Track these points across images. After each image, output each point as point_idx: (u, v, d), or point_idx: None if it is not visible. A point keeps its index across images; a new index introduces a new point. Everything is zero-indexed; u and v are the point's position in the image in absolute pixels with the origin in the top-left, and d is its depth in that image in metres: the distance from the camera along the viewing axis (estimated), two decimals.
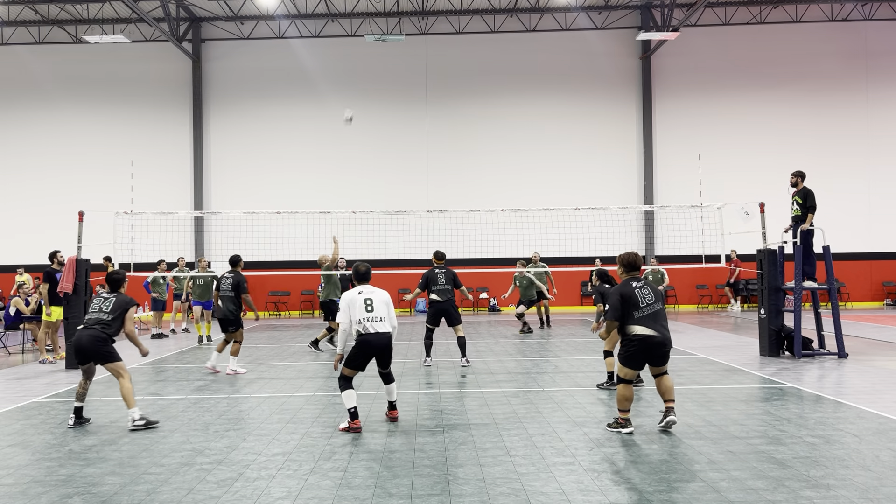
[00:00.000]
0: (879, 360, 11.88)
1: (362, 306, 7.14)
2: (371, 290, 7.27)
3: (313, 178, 26.32)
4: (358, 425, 7.05)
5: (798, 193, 12.50)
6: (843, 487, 5.19)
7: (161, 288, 18.12)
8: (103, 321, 7.54)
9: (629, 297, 6.82)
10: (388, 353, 7.30)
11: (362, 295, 7.20)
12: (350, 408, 7.09)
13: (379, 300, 7.22)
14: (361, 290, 7.27)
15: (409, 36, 26.06)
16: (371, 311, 7.13)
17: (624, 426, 6.92)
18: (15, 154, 26.89)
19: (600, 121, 26.64)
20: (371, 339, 7.12)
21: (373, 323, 7.11)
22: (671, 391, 6.98)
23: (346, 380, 7.17)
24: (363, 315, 7.11)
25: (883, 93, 26.44)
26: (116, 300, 7.71)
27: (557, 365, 11.72)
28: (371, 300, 7.18)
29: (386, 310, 7.22)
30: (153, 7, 24.75)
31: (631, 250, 7.38)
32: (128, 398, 7.40)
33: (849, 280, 25.72)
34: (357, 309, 7.14)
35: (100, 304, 7.70)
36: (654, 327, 6.76)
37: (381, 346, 7.17)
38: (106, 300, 7.72)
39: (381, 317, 7.15)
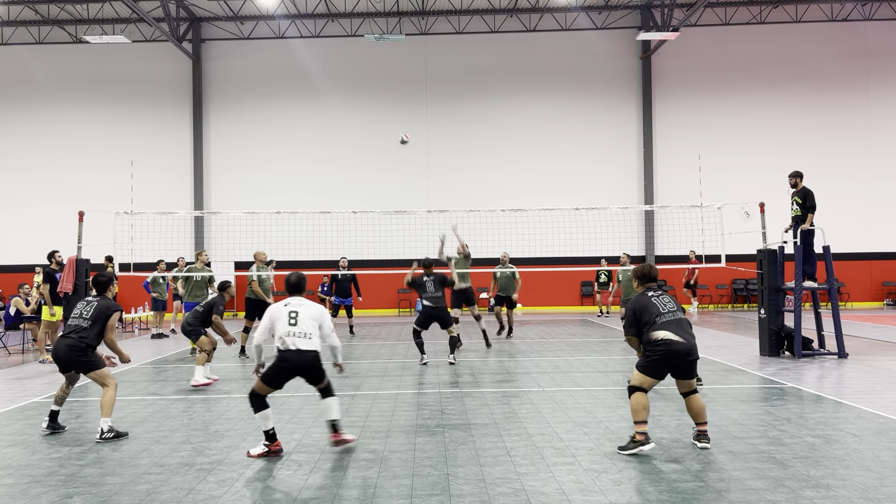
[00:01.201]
0: (879, 360, 11.88)
1: (286, 319, 6.35)
2: (300, 303, 6.48)
3: (313, 178, 26.33)
4: (278, 447, 6.30)
5: (797, 193, 12.50)
6: (843, 487, 5.19)
7: (161, 288, 18.12)
8: (81, 328, 7.09)
9: (645, 308, 6.40)
10: (313, 372, 6.39)
11: (288, 307, 6.42)
12: (267, 430, 6.30)
13: (307, 315, 6.39)
14: (289, 302, 6.50)
15: (409, 36, 26.07)
16: (294, 326, 6.31)
17: (644, 443, 6.14)
18: (15, 154, 26.89)
19: (600, 121, 26.64)
20: (290, 356, 6.26)
21: (294, 339, 6.28)
22: (704, 412, 6.42)
23: (257, 398, 6.30)
24: (285, 329, 6.31)
25: (883, 93, 26.44)
26: (97, 305, 7.21)
27: (557, 365, 11.72)
28: (297, 313, 6.37)
29: (314, 326, 6.37)
30: (153, 7, 24.75)
31: (646, 262, 7.02)
32: (105, 407, 7.00)
33: (849, 280, 25.72)
34: (281, 322, 6.35)
35: (81, 310, 7.25)
36: (679, 333, 6.23)
37: (301, 365, 6.30)
38: (87, 304, 7.27)
39: (306, 333, 6.31)
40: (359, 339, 16.56)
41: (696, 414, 6.41)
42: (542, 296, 26.21)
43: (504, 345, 14.81)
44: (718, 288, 26.51)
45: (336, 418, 6.48)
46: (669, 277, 26.09)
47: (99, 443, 6.81)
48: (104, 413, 6.99)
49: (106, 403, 7.01)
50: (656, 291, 6.58)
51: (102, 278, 7.48)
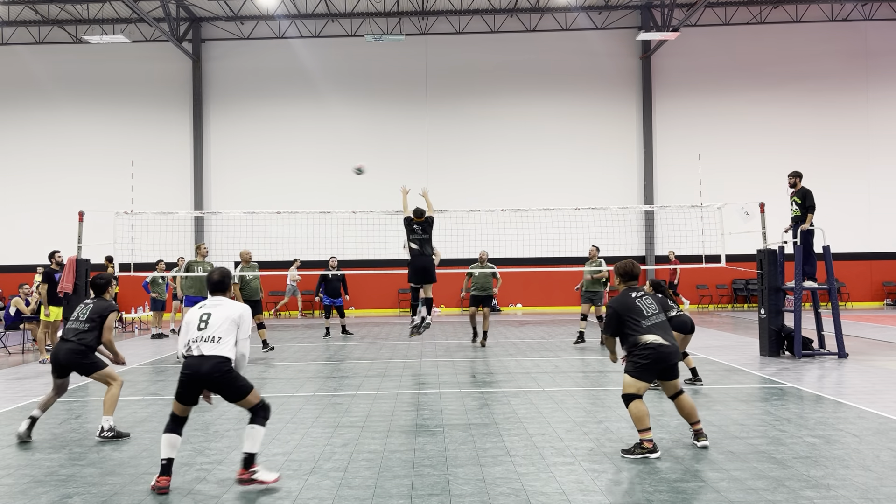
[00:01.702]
0: (879, 360, 11.88)
1: (196, 324, 5.49)
2: (216, 304, 5.60)
3: (313, 178, 26.32)
4: (163, 484, 5.28)
5: (797, 193, 12.51)
6: (843, 487, 5.19)
7: (161, 288, 18.13)
8: (80, 331, 6.98)
9: (630, 309, 6.31)
10: (220, 383, 5.37)
11: (202, 310, 5.60)
12: (162, 458, 5.35)
13: (221, 316, 5.48)
14: (204, 303, 5.66)
15: (409, 36, 26.06)
16: (203, 330, 5.43)
17: (653, 450, 6.06)
18: (15, 154, 26.88)
19: (600, 121, 26.63)
20: (191, 362, 5.37)
21: (200, 343, 5.38)
22: (695, 410, 6.38)
23: (171, 418, 5.46)
24: (194, 334, 5.44)
25: (883, 93, 26.43)
26: (94, 307, 7.10)
27: (557, 365, 11.72)
28: (209, 315, 5.50)
29: (227, 329, 5.45)
30: (153, 7, 24.75)
31: (628, 259, 6.85)
32: (108, 404, 6.94)
33: (849, 280, 25.71)
34: (192, 327, 5.50)
35: (78, 312, 7.17)
36: (664, 336, 6.24)
37: (201, 373, 5.33)
38: (85, 307, 7.17)
39: (214, 336, 5.40)
40: (359, 338, 16.56)
41: (687, 414, 6.38)
42: (542, 296, 26.20)
43: (504, 345, 14.80)
44: (718, 288, 26.50)
45: (253, 452, 5.40)
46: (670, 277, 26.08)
47: (99, 442, 6.79)
48: (106, 411, 6.92)
49: (108, 401, 6.93)
50: (638, 292, 6.47)
51: (100, 280, 7.33)
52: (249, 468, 5.37)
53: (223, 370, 5.36)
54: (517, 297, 26.14)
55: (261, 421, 5.45)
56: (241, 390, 5.46)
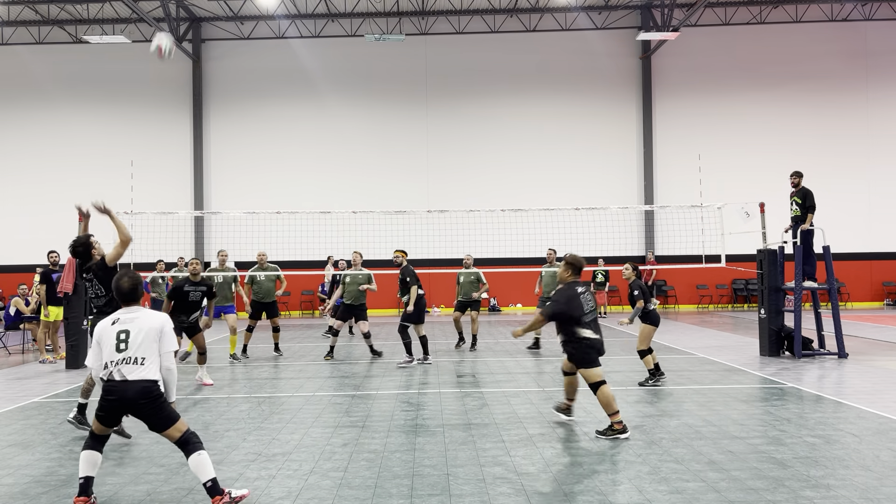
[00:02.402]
0: (879, 360, 11.88)
1: (113, 343, 4.91)
2: (132, 318, 4.99)
3: (313, 178, 26.32)
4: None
5: (797, 193, 12.51)
6: (843, 487, 5.19)
7: (160, 288, 18.11)
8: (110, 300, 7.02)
9: (575, 300, 6.84)
10: (146, 410, 4.86)
11: (116, 326, 4.96)
12: (80, 477, 4.93)
13: (141, 332, 4.92)
14: (118, 317, 5.01)
15: (409, 36, 26.06)
16: (123, 351, 4.88)
17: (623, 431, 6.65)
18: (15, 154, 26.89)
19: (600, 121, 26.63)
20: (115, 387, 4.85)
21: (122, 367, 4.85)
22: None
23: (92, 437, 5.06)
24: (111, 355, 4.88)
25: (883, 93, 26.43)
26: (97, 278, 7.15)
27: (557, 365, 11.71)
28: (127, 332, 4.92)
29: (149, 347, 4.91)
30: (153, 7, 24.75)
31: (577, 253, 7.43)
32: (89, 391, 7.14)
33: (849, 280, 25.71)
34: (107, 346, 4.92)
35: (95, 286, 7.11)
36: (596, 331, 6.91)
37: (129, 399, 4.83)
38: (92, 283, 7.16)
39: (136, 357, 4.86)
40: (359, 338, 16.55)
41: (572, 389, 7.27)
42: None
43: (504, 345, 14.79)
44: (718, 288, 26.50)
45: (211, 477, 4.85)
46: (670, 277, 26.11)
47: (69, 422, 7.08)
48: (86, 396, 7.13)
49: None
50: (582, 287, 6.98)
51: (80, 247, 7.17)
52: (221, 492, 4.87)
53: (151, 396, 4.85)
54: (517, 297, 26.15)
55: (197, 447, 4.88)
56: (167, 420, 4.90)
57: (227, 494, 4.88)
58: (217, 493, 4.84)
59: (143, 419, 4.92)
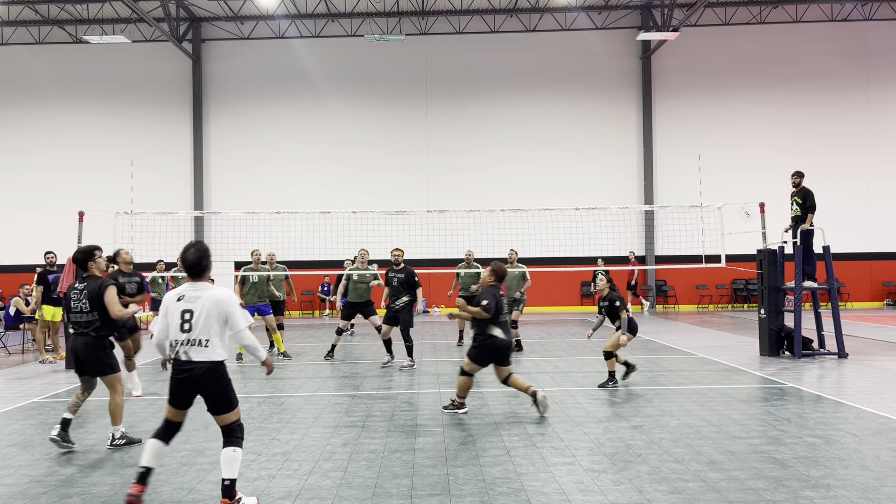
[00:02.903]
0: (879, 360, 11.88)
1: (177, 322, 4.86)
2: (196, 295, 4.88)
3: (313, 178, 26.32)
4: (135, 491, 4.83)
5: (797, 193, 12.51)
6: (843, 487, 5.19)
7: (161, 288, 18.10)
8: (90, 322, 6.48)
9: (500, 303, 7.82)
10: (214, 391, 4.88)
11: (182, 303, 4.88)
12: (142, 465, 4.90)
13: (204, 312, 4.83)
14: (184, 293, 4.92)
15: (409, 36, 26.06)
16: (187, 332, 4.82)
17: (461, 407, 7.95)
18: (15, 154, 26.89)
19: (600, 121, 26.63)
20: (184, 367, 4.85)
21: (188, 348, 4.83)
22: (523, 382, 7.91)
23: (164, 423, 5.05)
24: (177, 335, 4.85)
25: (883, 93, 26.43)
26: (89, 290, 6.46)
27: (557, 365, 11.72)
28: (191, 312, 4.83)
29: (213, 328, 4.83)
30: (153, 7, 24.75)
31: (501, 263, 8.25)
32: (117, 414, 6.58)
33: (849, 280, 25.71)
34: (172, 323, 4.89)
35: (77, 303, 6.52)
36: (505, 332, 7.80)
37: (197, 379, 4.84)
38: (80, 293, 6.51)
39: (200, 340, 4.81)
40: (359, 338, 16.56)
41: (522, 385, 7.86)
42: (542, 296, 26.18)
43: None
44: (718, 288, 26.50)
45: (234, 478, 4.82)
46: (670, 277, 26.12)
47: (110, 449, 6.54)
48: (116, 420, 6.59)
49: (115, 410, 6.56)
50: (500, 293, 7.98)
51: (79, 255, 6.61)
52: (233, 497, 4.81)
53: (217, 377, 4.85)
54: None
55: (238, 443, 4.90)
56: (228, 404, 4.92)
57: (237, 501, 4.84)
58: (228, 496, 4.80)
59: (207, 399, 4.92)
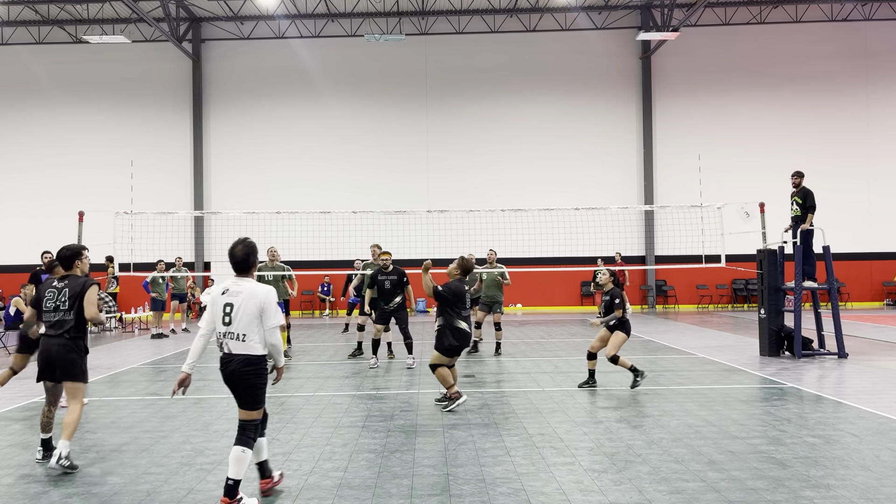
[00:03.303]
0: (879, 360, 11.88)
1: (220, 315, 5.03)
2: (238, 290, 5.05)
3: (313, 178, 26.32)
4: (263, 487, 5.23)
5: (797, 193, 12.51)
6: (843, 487, 5.19)
7: (160, 288, 18.13)
8: (66, 321, 6.01)
9: (460, 295, 8.14)
10: (245, 385, 5.02)
11: (225, 296, 5.06)
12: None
13: (243, 308, 4.98)
14: (228, 287, 5.10)
15: (409, 36, 26.06)
16: (228, 325, 4.99)
17: (460, 396, 8.05)
18: (15, 154, 26.88)
19: (600, 121, 26.63)
20: (225, 358, 5.04)
21: (228, 341, 5.00)
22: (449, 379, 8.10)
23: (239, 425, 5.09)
24: (220, 328, 5.03)
25: (883, 93, 26.43)
26: (70, 287, 6.06)
27: (557, 365, 11.72)
28: (231, 306, 5.00)
29: (252, 323, 4.98)
30: (153, 7, 24.75)
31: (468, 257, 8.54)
32: (70, 428, 5.84)
33: (849, 280, 25.71)
34: (217, 318, 5.06)
35: (55, 300, 6.08)
36: (469, 325, 8.22)
37: (230, 371, 5.01)
38: (59, 291, 6.08)
39: (239, 334, 4.97)
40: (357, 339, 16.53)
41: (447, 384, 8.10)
42: (541, 296, 26.21)
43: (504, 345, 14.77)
44: (718, 288, 26.50)
45: (239, 479, 4.92)
46: (670, 277, 26.11)
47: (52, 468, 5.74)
48: (66, 435, 5.82)
49: (71, 424, 5.88)
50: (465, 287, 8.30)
51: (66, 252, 6.26)
52: (233, 496, 4.85)
53: (251, 370, 4.97)
54: (517, 297, 26.14)
55: (249, 443, 4.96)
56: (257, 402, 5.05)
57: (238, 501, 4.86)
58: (229, 496, 4.84)
59: (238, 391, 5.04)
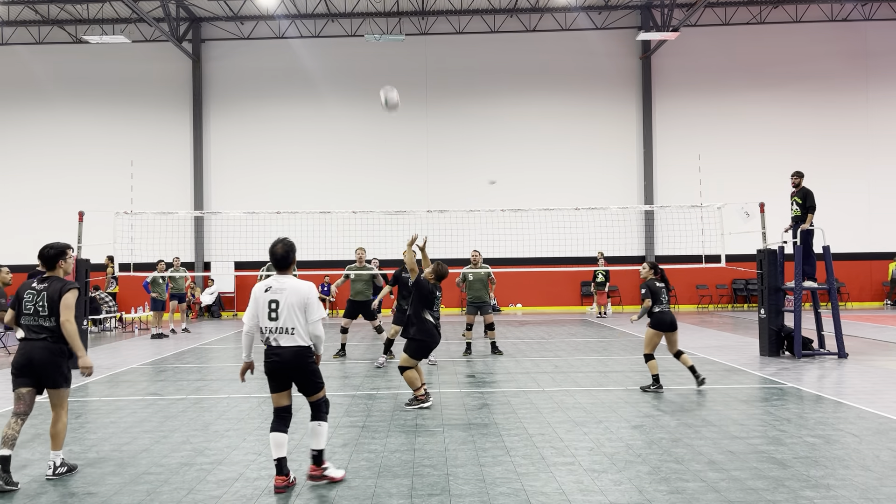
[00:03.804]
0: (879, 360, 11.88)
1: (266, 312, 5.39)
2: (281, 287, 5.41)
3: (313, 178, 26.32)
4: (280, 483, 5.31)
5: (797, 193, 12.51)
6: (843, 487, 5.19)
7: (160, 288, 18.13)
8: (47, 327, 5.64)
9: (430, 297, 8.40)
10: (302, 374, 5.41)
11: (268, 294, 5.40)
12: (275, 458, 5.35)
13: (288, 303, 5.34)
14: (270, 284, 5.44)
15: (409, 36, 26.06)
16: (275, 321, 5.36)
17: (426, 399, 8.28)
18: (15, 154, 26.89)
19: (600, 121, 26.63)
20: (275, 352, 5.38)
21: (277, 335, 5.36)
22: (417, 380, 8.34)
23: (274, 414, 5.48)
24: (266, 323, 5.39)
25: (883, 93, 26.43)
26: (50, 291, 5.66)
27: (557, 365, 11.72)
28: (276, 303, 5.36)
29: (298, 317, 5.35)
30: (153, 7, 24.75)
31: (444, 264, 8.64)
32: (61, 437, 5.76)
33: (849, 280, 25.71)
34: (262, 313, 5.41)
35: (34, 303, 5.67)
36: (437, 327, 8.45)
37: (287, 363, 5.35)
38: (38, 294, 5.67)
39: (287, 328, 5.33)
40: (358, 338, 16.56)
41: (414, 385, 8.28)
42: (542, 296, 26.21)
43: (504, 345, 14.78)
44: (718, 288, 26.49)
45: (322, 448, 5.47)
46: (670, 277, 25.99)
47: (51, 479, 5.67)
48: (56, 445, 5.74)
49: (59, 433, 5.74)
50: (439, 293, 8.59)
51: (50, 251, 5.84)
52: (321, 465, 5.47)
53: (306, 361, 5.40)
54: (517, 297, 26.14)
55: (324, 417, 5.51)
56: (317, 385, 5.51)
57: (323, 470, 5.47)
58: (317, 463, 5.48)
59: (298, 381, 5.45)
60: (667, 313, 9.25)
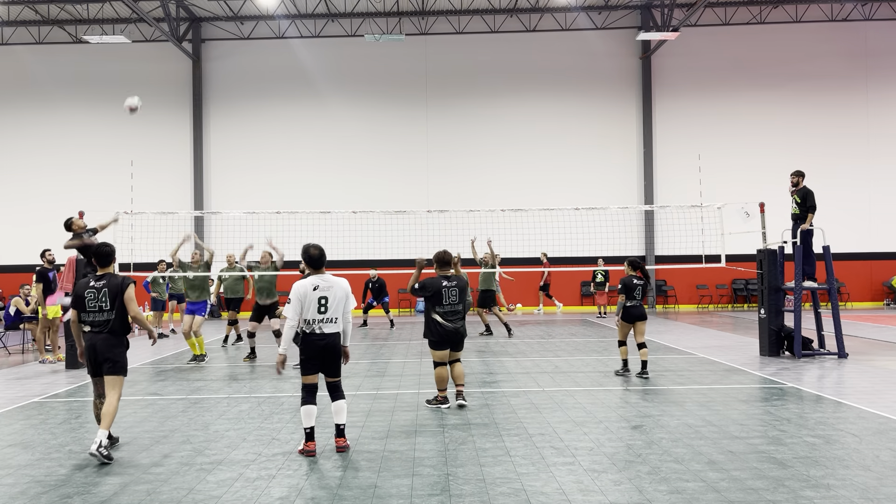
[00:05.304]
0: (879, 360, 11.88)
1: (316, 306, 6.25)
2: (328, 285, 6.32)
3: (313, 178, 26.32)
4: (311, 448, 6.24)
5: (797, 193, 12.50)
6: (843, 487, 5.19)
7: (161, 288, 18.13)
8: (110, 320, 6.33)
9: (437, 290, 8.03)
10: (335, 356, 6.39)
11: (318, 292, 6.26)
12: (307, 427, 6.30)
13: (336, 297, 6.31)
14: (317, 284, 6.29)
15: (409, 36, 26.06)
16: (324, 313, 6.28)
17: (446, 401, 8.20)
18: (15, 154, 26.89)
19: (600, 121, 26.63)
20: (316, 338, 6.29)
21: (322, 324, 6.29)
22: (462, 377, 8.29)
23: (307, 390, 6.34)
24: (315, 316, 6.26)
25: (883, 93, 26.43)
26: (110, 287, 6.36)
27: (557, 365, 11.72)
28: (327, 299, 6.28)
29: (341, 308, 6.37)
30: (153, 7, 24.75)
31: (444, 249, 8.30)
32: (108, 417, 6.19)
33: (849, 280, 25.71)
34: (311, 309, 6.25)
35: (97, 300, 6.35)
36: (450, 320, 8.05)
37: (327, 346, 6.31)
38: (99, 291, 6.34)
39: (333, 318, 6.32)
40: (358, 339, 16.56)
41: (456, 376, 8.23)
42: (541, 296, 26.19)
43: (504, 345, 14.79)
44: (718, 288, 26.49)
45: (344, 423, 6.47)
46: (670, 277, 26.11)
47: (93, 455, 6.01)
48: (106, 424, 6.17)
49: (109, 414, 6.21)
50: (450, 281, 8.11)
51: (106, 249, 6.58)
52: (344, 437, 6.41)
53: (340, 345, 6.40)
54: (517, 297, 26.14)
55: (343, 395, 6.46)
56: (340, 368, 6.44)
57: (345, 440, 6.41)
58: (342, 436, 6.39)
59: (329, 363, 6.34)
60: (637, 307, 10.28)
